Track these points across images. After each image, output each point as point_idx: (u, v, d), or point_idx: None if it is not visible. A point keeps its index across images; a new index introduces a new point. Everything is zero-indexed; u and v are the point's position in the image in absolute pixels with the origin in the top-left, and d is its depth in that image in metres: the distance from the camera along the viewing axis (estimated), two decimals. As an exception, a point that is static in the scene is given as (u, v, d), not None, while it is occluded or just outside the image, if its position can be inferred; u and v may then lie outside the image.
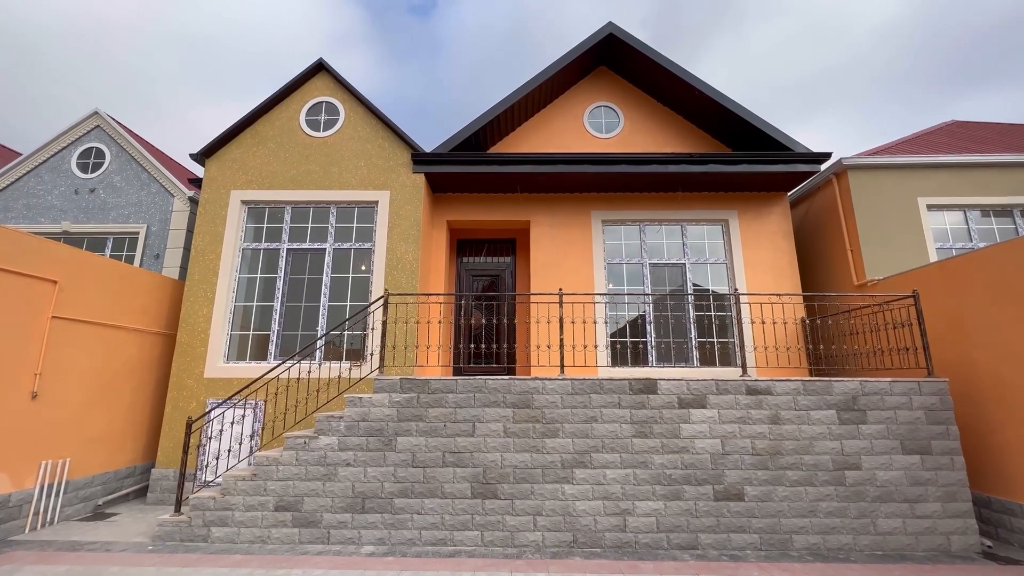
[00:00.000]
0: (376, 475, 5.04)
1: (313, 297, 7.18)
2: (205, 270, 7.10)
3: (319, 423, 5.19)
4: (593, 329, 7.26)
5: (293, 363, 5.78)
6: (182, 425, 6.56)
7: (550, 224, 8.09)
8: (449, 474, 5.03)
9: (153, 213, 8.95)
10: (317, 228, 7.42)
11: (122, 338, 6.48)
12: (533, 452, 5.07)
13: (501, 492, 4.98)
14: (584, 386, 5.24)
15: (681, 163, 7.42)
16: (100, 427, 6.14)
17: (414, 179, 7.45)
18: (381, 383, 5.29)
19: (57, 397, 5.57)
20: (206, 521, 4.95)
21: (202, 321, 6.93)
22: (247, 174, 7.48)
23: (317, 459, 5.09)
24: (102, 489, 6.17)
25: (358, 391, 6.05)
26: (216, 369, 6.77)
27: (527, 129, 8.72)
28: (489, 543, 4.86)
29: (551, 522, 4.90)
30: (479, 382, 5.26)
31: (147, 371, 6.90)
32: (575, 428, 5.13)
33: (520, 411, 5.18)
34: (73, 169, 9.19)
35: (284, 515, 4.96)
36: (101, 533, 5.21)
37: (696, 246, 8.11)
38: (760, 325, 6.97)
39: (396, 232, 7.23)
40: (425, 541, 4.87)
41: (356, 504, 4.97)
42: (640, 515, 4.90)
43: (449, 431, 5.14)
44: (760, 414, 5.14)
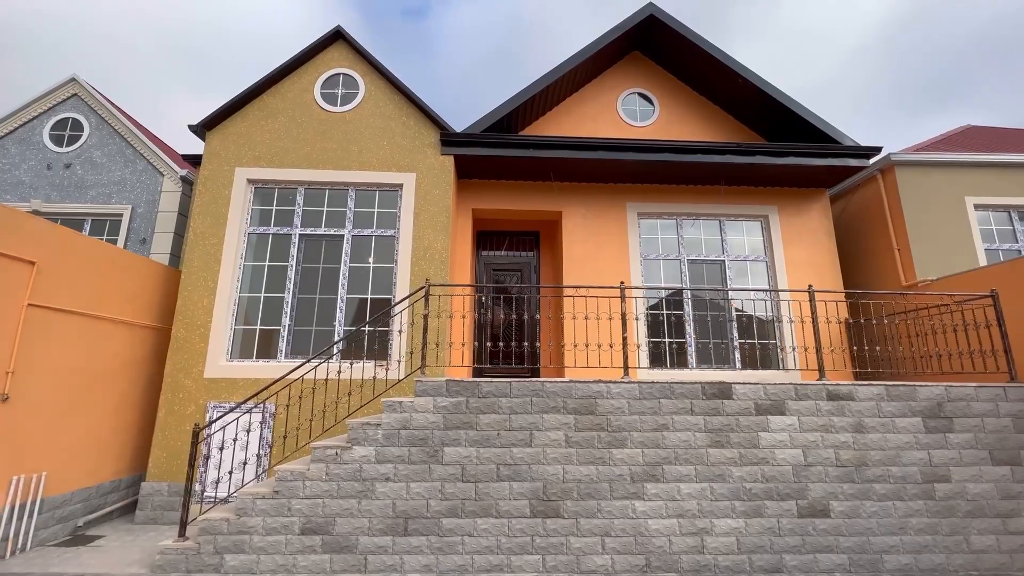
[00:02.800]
0: (420, 491, 4.39)
1: (329, 288, 6.44)
2: (206, 256, 6.27)
3: (352, 431, 4.50)
4: (633, 327, 6.76)
5: (320, 361, 5.05)
6: (178, 432, 5.74)
7: (583, 215, 7.56)
8: (504, 490, 4.42)
9: (139, 193, 8.01)
10: (334, 212, 6.68)
11: (108, 331, 5.61)
12: (599, 464, 4.51)
13: (564, 510, 4.39)
14: (653, 390, 4.71)
15: (727, 153, 6.99)
16: (81, 435, 5.27)
17: (442, 161, 6.80)
18: (424, 385, 4.64)
19: (32, 400, 4.71)
20: (218, 547, 4.20)
21: (202, 313, 6.10)
22: (254, 150, 6.68)
23: (351, 473, 4.40)
24: (83, 507, 5.29)
25: (394, 394, 5.36)
26: (218, 368, 5.96)
27: (557, 114, 8.17)
28: (551, 568, 4.27)
29: (621, 543, 4.34)
30: (536, 385, 4.67)
31: (136, 370, 6.03)
32: (644, 437, 4.59)
33: (582, 418, 4.61)
34: (46, 141, 8.16)
35: (312, 539, 4.25)
36: (86, 562, 4.39)
37: (735, 243, 7.71)
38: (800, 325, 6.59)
39: (423, 218, 6.56)
40: (479, 567, 4.25)
41: (398, 525, 4.31)
42: (719, 534, 4.39)
43: (503, 440, 4.53)
44: (843, 421, 4.71)
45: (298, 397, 5.35)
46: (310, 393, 5.33)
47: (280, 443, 5.46)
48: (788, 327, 6.93)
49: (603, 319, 6.26)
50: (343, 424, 5.20)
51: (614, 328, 6.46)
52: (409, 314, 5.65)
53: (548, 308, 7.60)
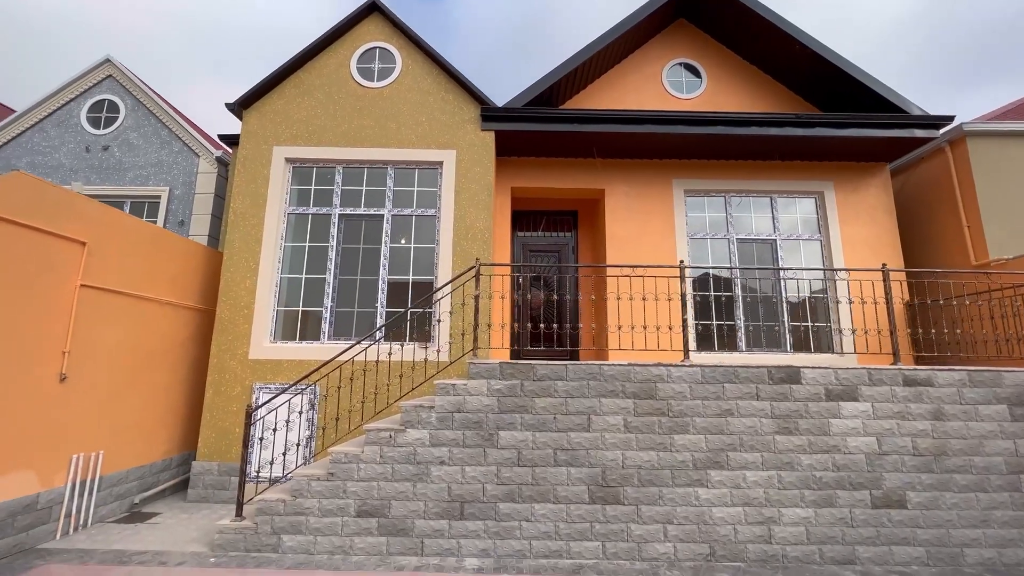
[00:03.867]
0: (476, 475, 4.29)
1: (370, 270, 6.33)
2: (246, 237, 6.21)
3: (405, 413, 4.40)
4: (679, 308, 6.51)
5: (369, 343, 4.95)
6: (225, 413, 5.75)
7: (627, 193, 7.26)
8: (562, 475, 4.29)
9: (176, 175, 7.98)
10: (373, 192, 6.53)
11: (155, 312, 5.61)
12: (660, 450, 4.34)
13: (624, 496, 4.25)
14: (716, 374, 4.49)
15: (784, 125, 6.59)
16: (134, 414, 5.31)
17: (483, 137, 6.56)
18: (477, 368, 4.50)
19: (87, 380, 4.73)
20: (275, 528, 4.18)
21: (245, 295, 6.06)
22: (291, 128, 6.54)
23: (405, 456, 4.31)
24: (138, 485, 5.37)
25: (441, 377, 5.25)
26: (262, 350, 5.93)
27: (599, 88, 7.81)
28: (612, 555, 4.14)
29: (684, 531, 4.18)
30: (593, 368, 4.49)
31: (181, 351, 6.05)
32: (707, 423, 4.39)
33: (642, 402, 4.43)
34: (83, 124, 8.16)
35: (368, 521, 4.20)
36: (146, 539, 4.43)
37: (786, 221, 7.34)
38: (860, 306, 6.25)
39: (464, 197, 6.36)
40: (537, 553, 4.15)
41: (453, 509, 4.22)
42: (787, 524, 4.20)
43: (560, 425, 4.38)
44: (920, 408, 4.43)
45: (349, 378, 5.29)
46: (360, 375, 5.25)
47: (332, 424, 5.42)
48: (847, 308, 6.59)
49: (650, 300, 6.04)
50: (391, 407, 5.12)
51: (662, 309, 6.23)
52: (460, 294, 5.51)
53: (589, 289, 7.38)
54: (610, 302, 6.45)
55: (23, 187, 4.15)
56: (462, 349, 5.47)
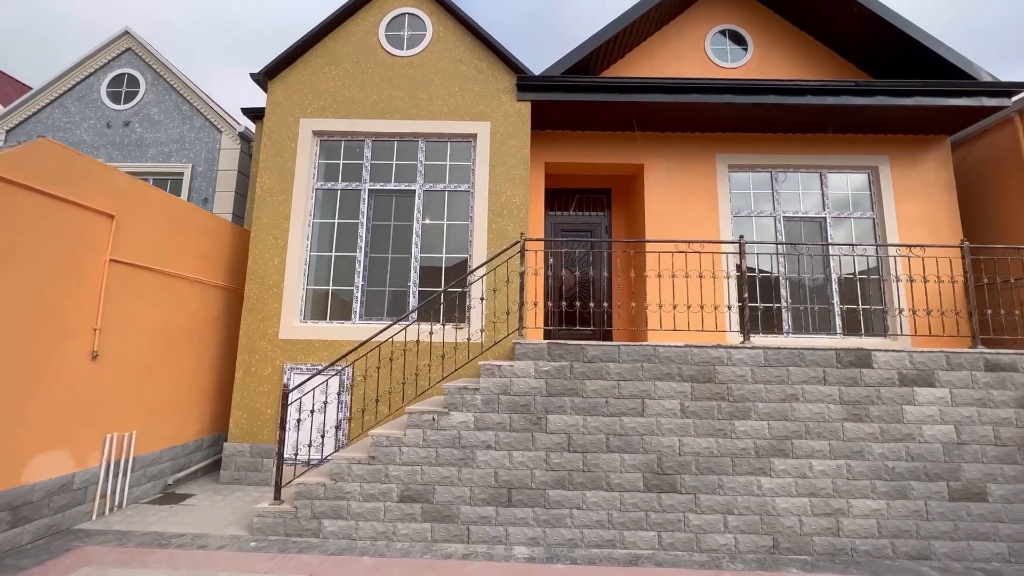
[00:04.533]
0: (524, 461, 4.07)
1: (401, 247, 6.08)
2: (274, 213, 5.98)
3: (449, 395, 4.18)
4: (723, 287, 6.19)
5: (407, 323, 4.73)
6: (256, 394, 5.60)
7: (667, 168, 6.90)
8: (615, 461, 4.05)
9: (198, 151, 7.77)
10: (403, 166, 6.25)
11: (183, 290, 5.44)
12: (719, 437, 4.08)
13: (681, 485, 4.01)
14: (780, 357, 4.20)
15: (842, 93, 6.14)
16: (165, 394, 5.18)
17: (519, 108, 6.22)
18: (524, 348, 4.25)
19: (119, 358, 4.58)
20: (315, 512, 4.02)
21: (273, 273, 5.86)
22: (318, 99, 6.26)
23: (450, 439, 4.11)
24: (170, 466, 5.26)
25: (480, 358, 5.01)
26: (292, 329, 5.75)
27: (637, 56, 7.39)
28: (669, 546, 3.92)
29: (745, 522, 3.94)
30: (648, 350, 4.22)
31: (210, 330, 5.90)
32: (771, 408, 4.11)
33: (700, 386, 4.16)
34: (103, 99, 7.96)
35: (412, 507, 4.02)
36: (183, 521, 4.31)
37: (836, 198, 6.93)
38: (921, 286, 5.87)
39: (499, 171, 6.06)
40: (589, 542, 3.94)
41: (500, 495, 4.02)
42: (857, 516, 3.93)
43: (612, 409, 4.13)
44: (1004, 395, 4.10)
45: (388, 359, 5.10)
46: (400, 355, 5.05)
47: (372, 406, 5.23)
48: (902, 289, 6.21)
49: (695, 278, 5.74)
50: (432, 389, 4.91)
51: (705, 288, 5.93)
52: (497, 273, 5.25)
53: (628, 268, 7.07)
54: (651, 280, 6.15)
55: (50, 155, 3.94)
56: (507, 328, 5.23)
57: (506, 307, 5.47)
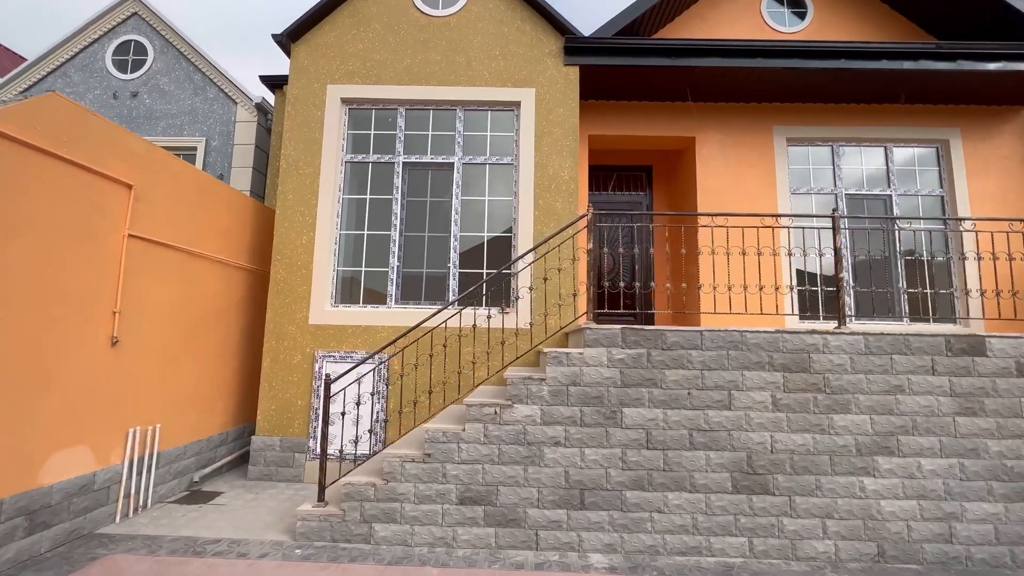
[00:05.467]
0: (597, 459, 3.65)
1: (439, 225, 5.60)
2: (301, 188, 5.50)
3: (512, 386, 3.75)
4: (780, 266, 5.74)
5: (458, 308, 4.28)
6: (285, 384, 5.18)
7: (721, 142, 6.39)
8: (699, 460, 3.63)
9: (212, 124, 7.25)
10: (440, 137, 5.74)
11: (206, 270, 4.98)
12: (816, 432, 3.65)
13: (774, 486, 3.59)
14: (882, 344, 3.75)
15: (920, 57, 5.61)
16: (190, 384, 4.75)
17: (566, 73, 5.69)
18: (595, 334, 3.81)
19: (140, 344, 4.14)
20: (365, 516, 3.61)
21: (302, 252, 5.40)
22: (346, 64, 5.73)
23: (513, 435, 3.68)
24: (195, 461, 4.85)
25: (551, 344, 4.56)
26: (324, 314, 5.30)
27: (687, 20, 6.84)
28: (762, 553, 3.52)
29: (846, 527, 3.53)
30: (734, 336, 3.77)
31: (233, 314, 5.45)
32: (873, 401, 3.68)
33: (793, 376, 3.72)
34: (109, 68, 7.41)
35: (473, 510, 3.61)
36: (215, 524, 3.90)
37: (901, 174, 6.43)
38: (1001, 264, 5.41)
39: (546, 142, 5.56)
40: (672, 549, 3.54)
41: (572, 497, 3.61)
42: (971, 521, 3.52)
43: (696, 401, 3.70)
44: None
45: (442, 345, 4.66)
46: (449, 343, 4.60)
47: (424, 398, 4.80)
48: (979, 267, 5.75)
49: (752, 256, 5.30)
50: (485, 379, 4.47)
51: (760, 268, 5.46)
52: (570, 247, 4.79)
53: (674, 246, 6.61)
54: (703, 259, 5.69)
55: (61, 113, 3.45)
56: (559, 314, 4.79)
57: (558, 290, 5.01)
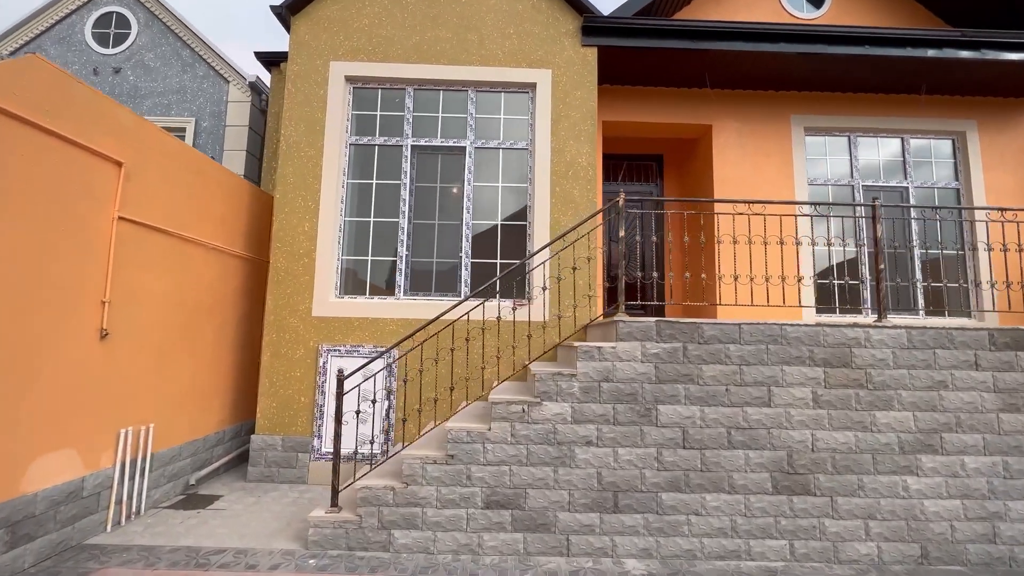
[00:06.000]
0: (631, 459, 3.45)
1: (450, 213, 5.32)
2: (302, 171, 5.16)
3: (541, 383, 3.52)
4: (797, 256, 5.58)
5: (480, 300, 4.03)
6: (287, 379, 4.87)
7: (738, 131, 6.21)
8: (738, 459, 3.46)
9: (202, 104, 6.82)
10: (451, 120, 5.44)
11: (202, 258, 4.63)
12: (858, 430, 3.50)
13: (816, 486, 3.44)
14: (925, 338, 3.61)
15: (945, 46, 5.47)
16: (185, 380, 4.41)
17: (584, 54, 5.43)
18: (629, 327, 3.59)
19: (132, 337, 3.79)
20: (384, 522, 3.36)
21: (304, 240, 5.07)
22: (350, 40, 5.38)
23: (543, 435, 3.46)
24: (191, 462, 4.53)
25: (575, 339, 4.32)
26: (328, 306, 4.99)
27: (703, 3, 6.62)
28: (803, 557, 3.36)
29: (889, 528, 3.40)
30: (773, 329, 3.59)
31: (230, 306, 5.11)
32: (916, 397, 3.54)
33: (834, 371, 3.56)
34: (89, 41, 6.92)
35: (500, 514, 3.38)
36: (216, 531, 3.61)
37: (917, 165, 6.34)
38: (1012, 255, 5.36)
39: (563, 126, 5.30)
40: (711, 553, 3.36)
41: (605, 500, 3.40)
42: (1016, 520, 3.42)
43: (734, 398, 3.52)
44: None
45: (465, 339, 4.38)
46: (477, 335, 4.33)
47: (443, 395, 4.53)
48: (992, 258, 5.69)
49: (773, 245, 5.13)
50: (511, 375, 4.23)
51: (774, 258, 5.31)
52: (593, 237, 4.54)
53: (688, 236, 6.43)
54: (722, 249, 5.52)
55: (43, 78, 3.08)
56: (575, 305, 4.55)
57: (579, 281, 4.79)
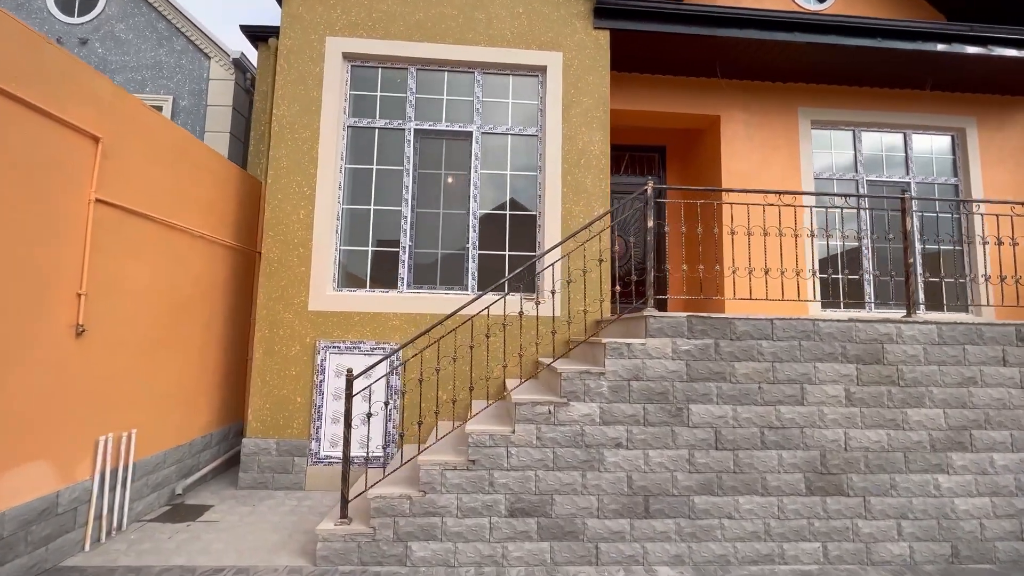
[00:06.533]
0: (663, 462, 3.28)
1: (456, 202, 5.04)
2: (297, 153, 4.79)
3: (568, 381, 3.30)
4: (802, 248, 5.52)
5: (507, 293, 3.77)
6: (281, 379, 4.53)
7: (746, 123, 6.10)
8: (771, 460, 3.33)
9: (180, 81, 6.31)
10: (456, 103, 5.14)
11: (187, 247, 4.23)
12: (890, 428, 3.41)
13: (849, 486, 3.34)
14: (955, 333, 3.55)
15: (955, 40, 5.46)
16: (170, 380, 4.03)
17: (596, 37, 5.20)
18: (659, 323, 3.41)
19: (111, 334, 3.41)
20: (400, 533, 3.10)
21: (299, 228, 4.71)
22: (348, 14, 5.01)
23: (570, 437, 3.25)
24: (177, 470, 4.15)
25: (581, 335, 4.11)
26: (325, 299, 4.66)
27: (711, -9, 6.47)
28: (836, 559, 3.27)
29: (921, 528, 3.33)
30: (806, 325, 3.47)
31: (217, 299, 4.73)
32: (946, 394, 3.48)
33: (867, 368, 3.46)
34: (51, 7, 6.31)
35: (526, 523, 3.16)
36: (212, 546, 3.28)
37: (919, 162, 6.37)
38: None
39: (574, 113, 5.07)
40: (744, 558, 3.23)
41: (635, 505, 3.23)
42: (1042, 517, 3.40)
43: (767, 397, 3.38)
44: None
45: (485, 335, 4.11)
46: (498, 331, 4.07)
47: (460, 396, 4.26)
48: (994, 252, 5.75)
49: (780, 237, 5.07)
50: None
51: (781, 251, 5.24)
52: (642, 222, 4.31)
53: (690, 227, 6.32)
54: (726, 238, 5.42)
55: (6, 35, 2.67)
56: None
57: (599, 274, 4.59)
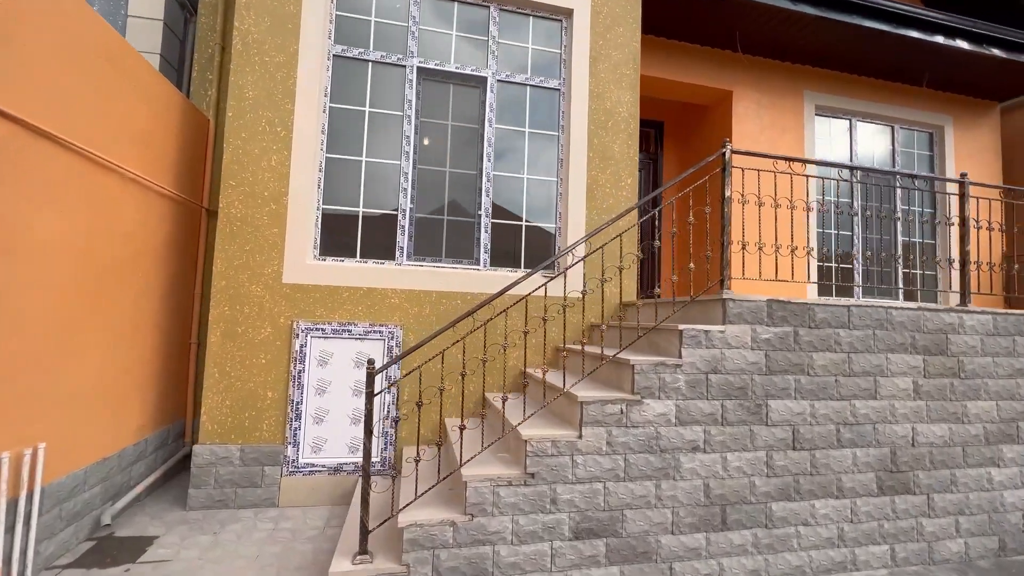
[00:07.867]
0: (740, 465, 2.87)
1: (463, 160, 4.25)
2: (267, 83, 3.73)
3: (641, 376, 2.77)
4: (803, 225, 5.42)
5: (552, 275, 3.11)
6: (247, 369, 3.56)
7: (756, 101, 5.86)
8: (846, 459, 3.05)
9: (86, -22, 4.78)
10: (466, 41, 4.31)
11: (116, 192, 3.11)
12: (952, 422, 3.28)
13: (915, 483, 3.16)
14: (1007, 324, 3.47)
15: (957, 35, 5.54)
16: (91, 371, 2.95)
17: (627, -16, 4.60)
18: (738, 308, 2.96)
19: (8, 310, 2.33)
20: (441, 570, 2.43)
21: (271, 180, 3.70)
22: (335, -89, 3.97)
23: (644, 441, 2.73)
24: (102, 491, 3.10)
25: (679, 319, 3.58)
26: (305, 269, 3.72)
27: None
28: (903, 561, 3.09)
29: (975, 523, 3.25)
30: (880, 313, 3.20)
31: (153, 264, 3.61)
32: (999, 386, 3.40)
33: (932, 359, 3.28)
34: None
35: (593, 545, 2.62)
36: (170, 601, 2.39)
37: (902, 156, 6.54)
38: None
39: (603, 67, 4.45)
40: (819, 567, 2.94)
41: (713, 516, 2.80)
42: (1071, 505, 3.46)
43: (843, 391, 3.08)
44: None
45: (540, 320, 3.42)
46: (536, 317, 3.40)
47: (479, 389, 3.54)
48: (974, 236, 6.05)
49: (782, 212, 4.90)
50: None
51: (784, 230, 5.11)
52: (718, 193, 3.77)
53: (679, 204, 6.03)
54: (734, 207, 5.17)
55: None
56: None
57: (723, 247, 4.07)
